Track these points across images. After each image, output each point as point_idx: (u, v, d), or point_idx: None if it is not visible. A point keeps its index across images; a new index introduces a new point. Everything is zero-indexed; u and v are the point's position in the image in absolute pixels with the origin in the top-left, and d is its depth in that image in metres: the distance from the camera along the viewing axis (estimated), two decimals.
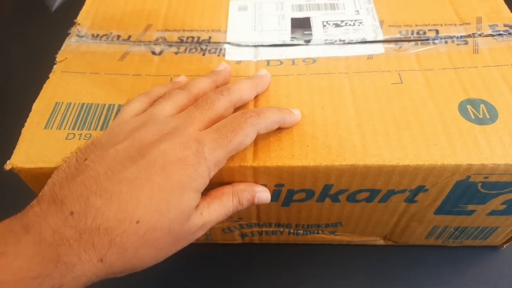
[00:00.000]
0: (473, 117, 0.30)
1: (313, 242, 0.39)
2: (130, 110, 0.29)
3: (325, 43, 0.36)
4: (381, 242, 0.39)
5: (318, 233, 0.37)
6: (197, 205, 0.26)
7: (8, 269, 0.20)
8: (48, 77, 0.35)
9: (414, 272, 0.38)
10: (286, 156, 0.29)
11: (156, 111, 0.28)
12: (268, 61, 0.35)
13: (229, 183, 0.30)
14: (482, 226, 0.35)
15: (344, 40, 0.36)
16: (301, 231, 0.37)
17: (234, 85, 0.30)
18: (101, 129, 0.31)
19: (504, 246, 0.39)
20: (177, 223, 0.24)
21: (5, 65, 0.59)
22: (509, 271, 0.38)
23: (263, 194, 0.30)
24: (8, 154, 0.29)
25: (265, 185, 0.30)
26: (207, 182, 0.26)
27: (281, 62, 0.35)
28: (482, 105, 0.31)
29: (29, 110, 0.32)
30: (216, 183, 0.29)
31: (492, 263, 0.38)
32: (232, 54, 0.36)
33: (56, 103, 0.33)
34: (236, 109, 0.30)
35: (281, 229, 0.37)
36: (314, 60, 0.35)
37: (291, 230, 0.37)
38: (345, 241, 0.39)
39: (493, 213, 0.33)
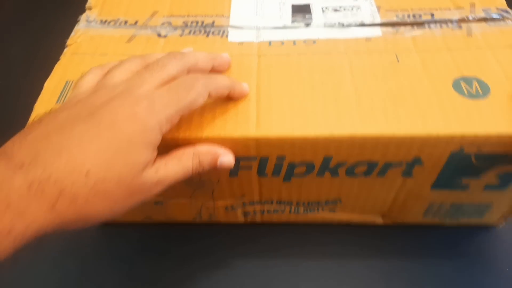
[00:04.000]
0: (466, 92, 0.31)
1: (313, 221, 0.40)
2: (83, 83, 0.29)
3: (325, 26, 0.37)
4: (379, 221, 0.40)
5: (318, 210, 0.39)
6: (154, 162, 0.27)
7: None
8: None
9: (410, 252, 0.39)
10: (287, 127, 0.30)
11: (107, 80, 0.28)
12: (269, 42, 0.37)
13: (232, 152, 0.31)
14: (478, 202, 0.36)
15: (343, 24, 0.37)
16: (302, 209, 0.38)
17: (190, 52, 0.31)
18: None
19: (500, 226, 0.40)
20: (127, 176, 0.25)
21: (5, 65, 0.59)
22: (505, 251, 0.39)
23: (226, 158, 0.30)
24: None
25: (267, 158, 0.32)
26: (159, 138, 0.26)
27: (283, 43, 0.36)
28: (475, 82, 0.32)
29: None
30: None
31: (488, 243, 0.39)
32: (234, 35, 0.38)
33: (67, 81, 0.34)
34: None
35: (282, 207, 0.38)
36: (314, 41, 0.36)
37: (292, 208, 0.38)
38: (345, 220, 0.40)
39: (487, 187, 0.34)
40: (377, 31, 0.37)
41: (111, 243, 0.41)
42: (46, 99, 0.33)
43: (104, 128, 0.25)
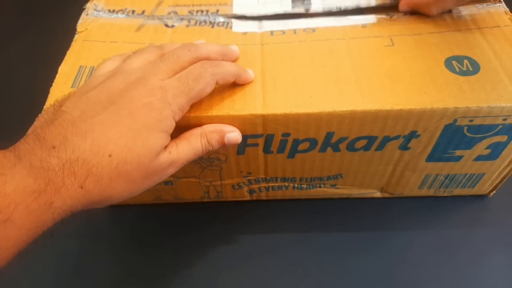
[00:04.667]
0: (457, 70, 0.34)
1: (315, 196, 0.42)
2: (103, 68, 0.32)
3: (323, 11, 0.40)
4: (378, 194, 0.42)
5: (320, 186, 0.41)
6: (167, 145, 0.29)
7: (9, 185, 0.23)
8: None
9: (407, 222, 0.41)
10: (292, 105, 0.32)
11: (125, 65, 0.31)
12: (271, 32, 0.39)
13: (240, 130, 0.33)
14: (470, 173, 0.38)
15: (340, 7, 0.40)
16: (305, 185, 0.41)
17: (204, 45, 0.33)
18: None
19: (491, 194, 0.42)
20: (146, 158, 0.27)
21: (5, 65, 0.59)
22: (496, 218, 0.41)
23: (233, 134, 0.32)
24: None
25: (272, 135, 0.34)
26: (173, 125, 0.29)
27: (284, 32, 0.38)
28: (465, 60, 0.34)
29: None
30: None
31: (480, 211, 0.42)
32: (238, 26, 0.40)
33: (80, 66, 0.36)
34: None
35: (286, 184, 0.40)
36: (313, 30, 0.38)
37: (296, 185, 0.40)
38: (345, 195, 0.42)
39: (479, 158, 0.36)
40: (372, 18, 0.39)
41: (118, 224, 0.43)
42: (62, 83, 0.35)
43: (124, 116, 0.27)
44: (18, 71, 0.58)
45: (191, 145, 0.31)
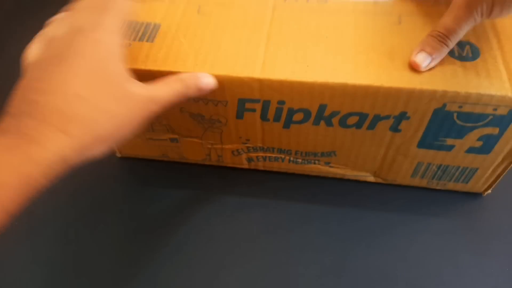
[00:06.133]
0: (456, 54, 0.34)
1: (310, 172, 0.44)
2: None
3: None
4: (371, 178, 0.43)
5: (314, 163, 0.42)
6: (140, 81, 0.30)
7: None
8: None
9: (402, 216, 0.42)
10: (288, 72, 0.34)
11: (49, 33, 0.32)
12: None
13: (237, 92, 0.35)
14: (463, 165, 0.38)
15: None
16: (300, 159, 0.42)
17: None
18: (140, 40, 0.37)
19: (485, 193, 0.42)
20: (111, 85, 0.28)
21: (5, 65, 0.60)
22: (490, 218, 0.41)
23: (207, 79, 0.33)
24: None
25: (269, 101, 0.35)
26: (119, 44, 0.29)
27: (297, 0, 0.40)
28: (467, 46, 0.34)
29: None
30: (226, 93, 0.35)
31: (474, 211, 0.41)
32: None
33: None
34: None
35: (282, 156, 0.42)
36: (326, 1, 0.39)
37: (291, 158, 0.42)
38: (339, 175, 0.43)
39: (471, 150, 0.36)
40: None
41: (126, 176, 0.47)
42: None
43: (74, 59, 0.27)
44: (18, 72, 0.61)
45: (170, 86, 0.32)
